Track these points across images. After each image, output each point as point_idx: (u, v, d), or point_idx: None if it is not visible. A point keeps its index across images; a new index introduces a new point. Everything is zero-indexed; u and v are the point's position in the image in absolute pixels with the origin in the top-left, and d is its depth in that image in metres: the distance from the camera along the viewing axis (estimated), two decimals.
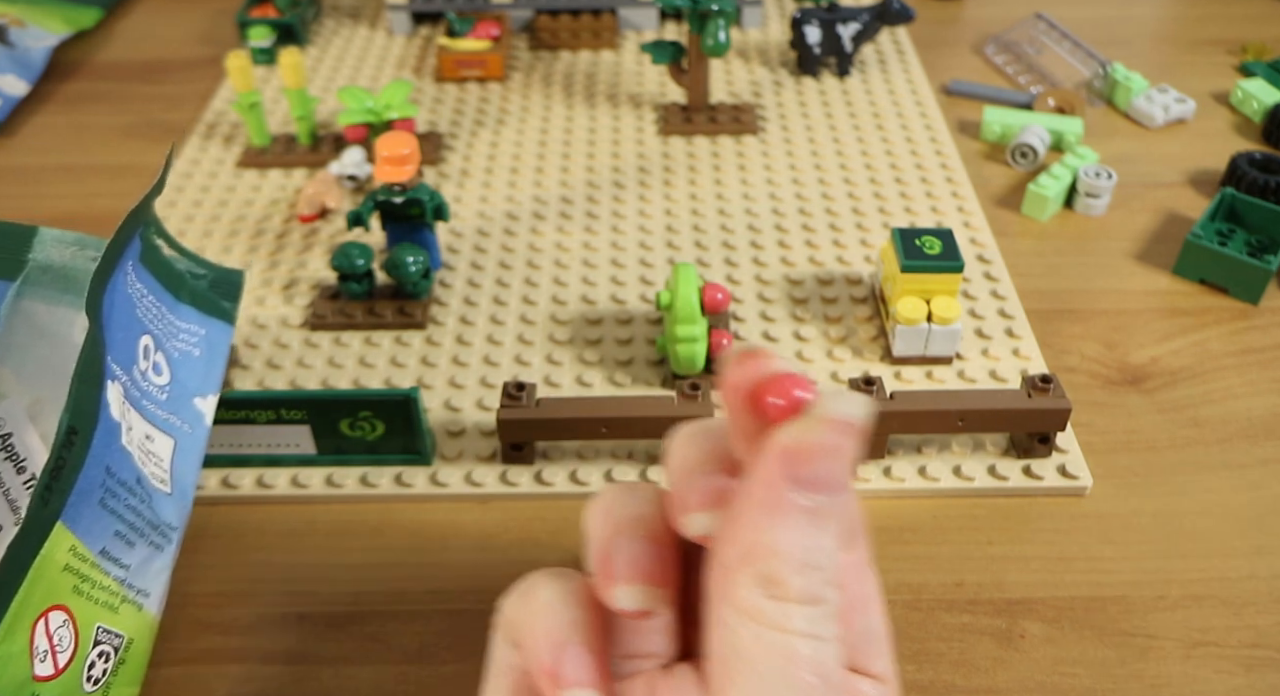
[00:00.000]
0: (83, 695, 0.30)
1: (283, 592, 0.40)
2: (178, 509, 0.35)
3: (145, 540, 0.33)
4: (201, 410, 0.37)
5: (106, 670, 0.31)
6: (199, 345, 0.37)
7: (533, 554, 0.41)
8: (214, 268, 0.40)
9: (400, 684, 0.37)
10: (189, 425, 0.36)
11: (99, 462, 0.30)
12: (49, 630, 0.28)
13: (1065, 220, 0.59)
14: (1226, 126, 0.67)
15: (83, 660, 0.30)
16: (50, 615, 0.28)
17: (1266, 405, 0.48)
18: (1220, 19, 0.79)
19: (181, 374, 0.36)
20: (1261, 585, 0.40)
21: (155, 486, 0.33)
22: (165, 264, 0.37)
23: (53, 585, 0.28)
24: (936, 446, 0.45)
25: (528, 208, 0.60)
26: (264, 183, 0.62)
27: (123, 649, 0.32)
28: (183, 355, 0.36)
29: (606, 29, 0.75)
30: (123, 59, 0.76)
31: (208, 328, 0.38)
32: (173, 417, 0.35)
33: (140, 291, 0.34)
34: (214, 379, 0.38)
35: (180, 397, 0.36)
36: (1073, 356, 0.50)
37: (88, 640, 0.30)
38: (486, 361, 0.50)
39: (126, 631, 0.32)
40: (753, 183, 0.62)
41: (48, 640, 0.28)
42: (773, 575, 0.19)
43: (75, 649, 0.29)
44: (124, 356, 0.32)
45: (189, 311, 0.37)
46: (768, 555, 0.19)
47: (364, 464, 0.44)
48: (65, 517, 0.29)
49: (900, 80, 0.71)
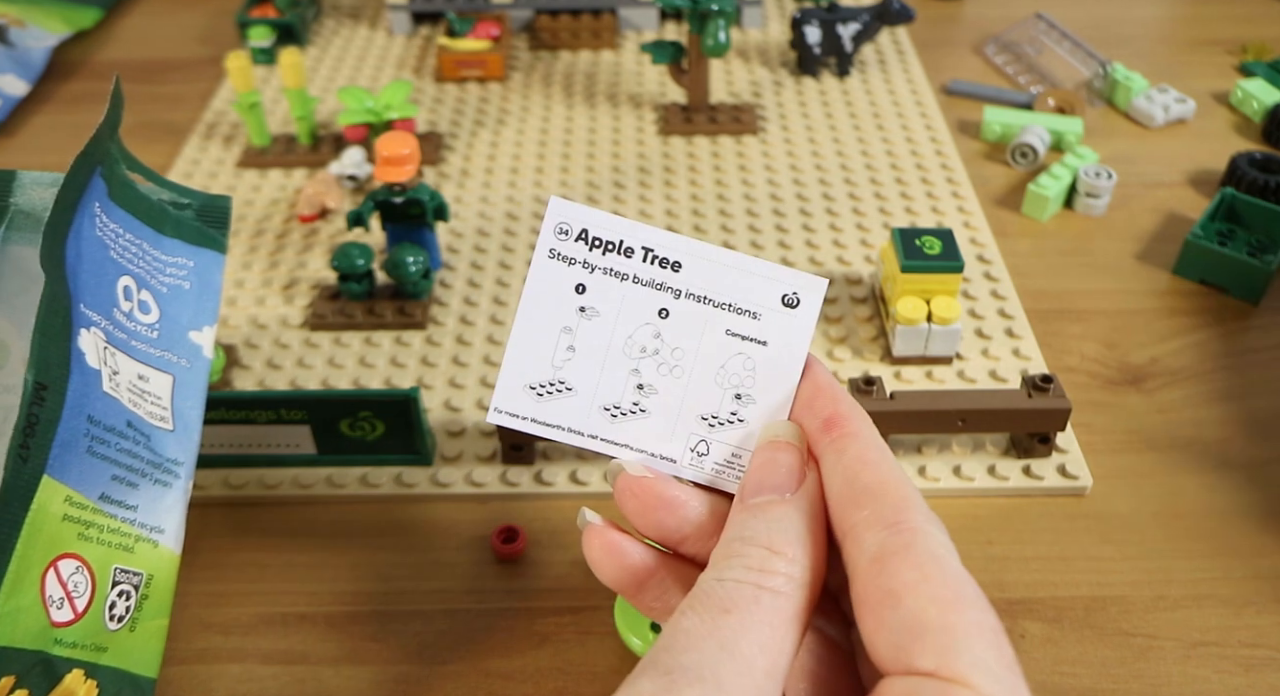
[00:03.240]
0: (107, 634, 0.31)
1: (283, 592, 0.40)
2: (183, 443, 0.35)
3: (149, 479, 0.33)
4: (198, 343, 0.36)
5: (130, 607, 0.32)
6: (188, 278, 0.37)
7: (533, 554, 0.42)
8: (198, 195, 0.39)
9: (400, 684, 0.37)
10: (186, 360, 0.36)
11: (79, 413, 0.30)
12: (61, 578, 0.29)
13: (1065, 220, 0.59)
14: (1226, 126, 0.67)
15: (103, 601, 0.31)
16: (60, 564, 0.29)
17: (1266, 405, 0.48)
18: (1220, 19, 0.79)
19: (172, 309, 0.36)
20: (1262, 585, 0.40)
21: (154, 425, 0.33)
22: (143, 198, 0.36)
23: (54, 536, 0.29)
24: (936, 446, 0.45)
25: (528, 208, 0.60)
26: (264, 183, 0.62)
27: (144, 585, 0.32)
28: (172, 290, 0.36)
29: (606, 29, 0.75)
30: (123, 59, 0.76)
31: (196, 258, 0.37)
32: (167, 354, 0.35)
33: (115, 231, 0.34)
34: (208, 310, 0.37)
35: (173, 333, 0.35)
36: (1073, 356, 0.50)
37: (105, 582, 0.31)
38: (486, 361, 0.50)
39: (145, 568, 0.32)
40: (753, 183, 0.62)
41: (62, 588, 0.29)
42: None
43: (93, 592, 0.30)
44: (100, 301, 0.32)
45: (175, 244, 0.37)
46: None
47: (364, 464, 0.44)
48: (51, 471, 0.29)
49: (900, 80, 0.71)
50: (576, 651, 0.38)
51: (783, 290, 0.31)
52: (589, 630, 0.39)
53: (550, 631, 0.39)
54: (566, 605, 0.40)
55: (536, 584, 0.40)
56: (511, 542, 0.41)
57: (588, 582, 0.40)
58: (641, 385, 0.31)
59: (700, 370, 0.31)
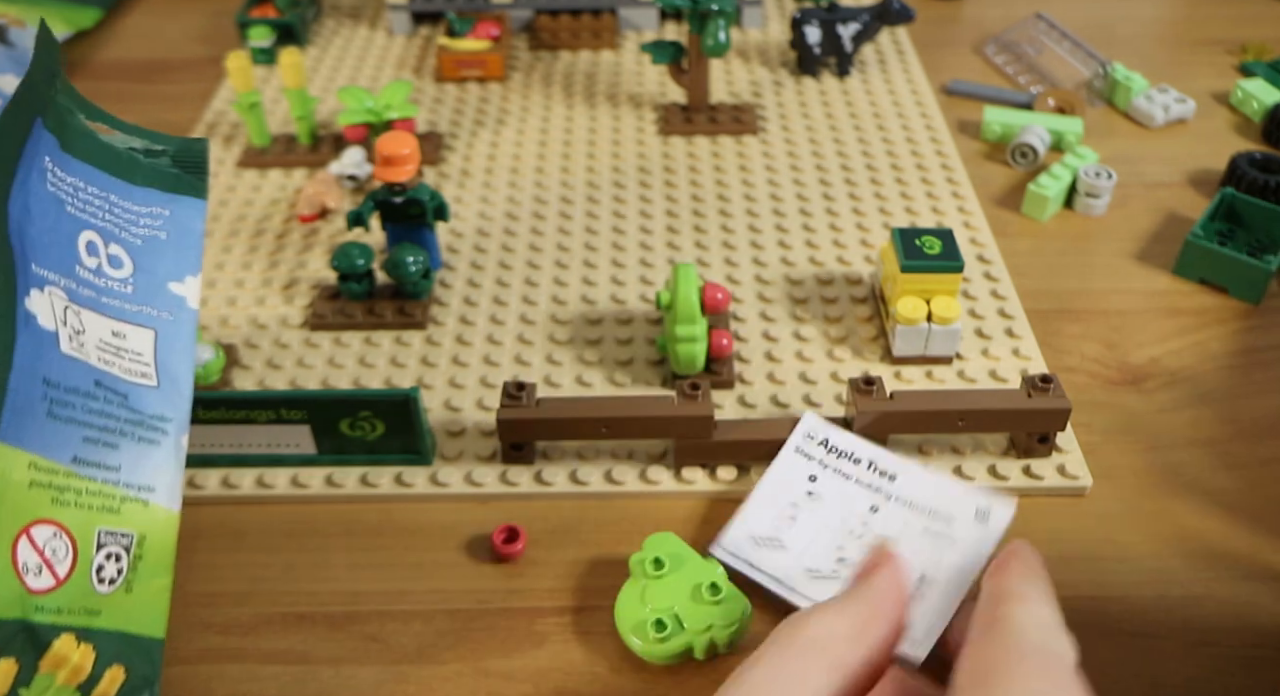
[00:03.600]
0: (97, 597, 0.30)
1: (283, 592, 0.40)
2: (170, 398, 0.33)
3: (130, 438, 0.32)
4: (180, 294, 0.35)
5: (121, 569, 0.31)
6: (164, 227, 0.35)
7: (533, 554, 0.42)
8: (173, 140, 0.37)
9: (400, 684, 0.37)
10: (168, 312, 0.34)
11: (31, 376, 0.29)
12: (37, 545, 0.29)
13: (1065, 220, 0.59)
14: (1226, 126, 0.67)
15: (88, 564, 0.30)
16: (32, 531, 0.29)
17: (1266, 405, 0.48)
18: (1220, 19, 0.79)
19: (147, 261, 0.34)
20: (1261, 585, 0.40)
21: (133, 382, 0.32)
22: (106, 148, 0.34)
23: (19, 504, 0.28)
24: (936, 446, 0.45)
25: (528, 208, 0.60)
26: (264, 183, 0.62)
27: (135, 545, 0.32)
28: (147, 241, 0.34)
29: (606, 29, 0.75)
30: (123, 59, 0.76)
31: (172, 206, 0.36)
32: (145, 309, 0.34)
33: (73, 186, 0.33)
34: (190, 260, 0.35)
35: (150, 287, 0.34)
36: (1073, 356, 0.50)
37: (88, 545, 0.30)
38: (486, 361, 0.50)
39: (135, 528, 0.32)
40: (753, 183, 0.62)
41: (38, 554, 0.29)
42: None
43: (75, 556, 0.30)
44: (57, 260, 0.31)
45: (148, 193, 0.35)
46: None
47: (364, 464, 0.44)
48: (6, 438, 0.28)
49: (900, 80, 0.71)
50: (576, 651, 0.38)
51: (977, 505, 0.39)
52: (589, 630, 0.39)
53: (550, 631, 0.39)
54: (566, 605, 0.40)
55: (536, 584, 0.40)
56: (511, 542, 0.41)
57: (588, 582, 0.40)
58: (843, 559, 0.38)
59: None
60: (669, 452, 0.44)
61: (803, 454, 0.41)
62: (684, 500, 0.43)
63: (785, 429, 0.43)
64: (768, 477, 0.41)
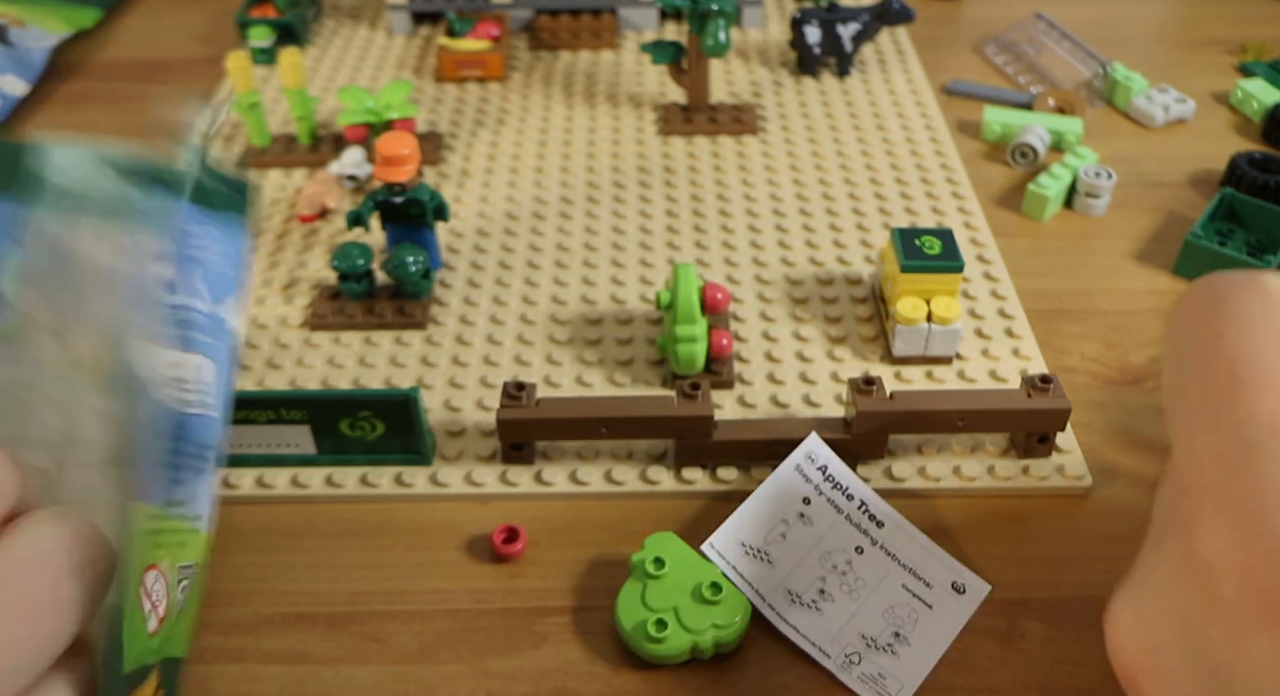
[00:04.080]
0: (169, 628, 0.31)
1: (283, 592, 0.40)
2: (216, 427, 0.33)
3: (191, 470, 0.32)
4: (223, 317, 0.34)
5: (182, 600, 0.31)
6: (209, 246, 0.34)
7: (533, 554, 0.42)
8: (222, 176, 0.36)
9: (400, 684, 0.37)
10: (219, 339, 0.33)
11: (148, 429, 0.29)
12: (148, 591, 0.29)
13: (1065, 220, 0.59)
14: (1226, 126, 0.67)
15: (175, 600, 0.30)
16: (145, 578, 0.29)
17: None
18: (1220, 19, 0.79)
19: (211, 288, 0.33)
20: None
21: (199, 414, 0.32)
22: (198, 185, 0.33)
23: (140, 556, 0.28)
24: (936, 446, 0.45)
25: (528, 208, 0.60)
26: (264, 183, 0.62)
27: (195, 574, 0.32)
28: (205, 264, 0.33)
29: (606, 29, 0.75)
30: (123, 59, 0.76)
31: (216, 224, 0.34)
32: (209, 338, 0.33)
33: (190, 230, 0.32)
34: (230, 280, 0.34)
35: (213, 315, 0.33)
36: (1073, 356, 0.50)
37: (174, 583, 0.30)
38: (486, 361, 0.50)
39: (196, 559, 0.32)
40: (753, 183, 0.62)
41: (148, 601, 0.29)
42: None
43: (168, 595, 0.30)
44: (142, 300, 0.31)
45: (194, 211, 0.33)
46: None
47: (364, 464, 0.44)
48: (138, 496, 0.28)
49: (900, 80, 0.71)
50: (576, 651, 0.38)
51: (954, 578, 0.39)
52: (589, 630, 0.39)
53: (550, 631, 0.39)
54: (566, 605, 0.40)
55: (536, 584, 0.40)
56: (511, 543, 0.41)
57: (588, 582, 0.40)
58: (824, 590, 0.38)
59: (874, 601, 0.38)
60: (669, 452, 0.44)
61: (801, 473, 0.41)
62: (684, 500, 0.43)
63: (785, 429, 0.43)
64: (766, 486, 0.41)
